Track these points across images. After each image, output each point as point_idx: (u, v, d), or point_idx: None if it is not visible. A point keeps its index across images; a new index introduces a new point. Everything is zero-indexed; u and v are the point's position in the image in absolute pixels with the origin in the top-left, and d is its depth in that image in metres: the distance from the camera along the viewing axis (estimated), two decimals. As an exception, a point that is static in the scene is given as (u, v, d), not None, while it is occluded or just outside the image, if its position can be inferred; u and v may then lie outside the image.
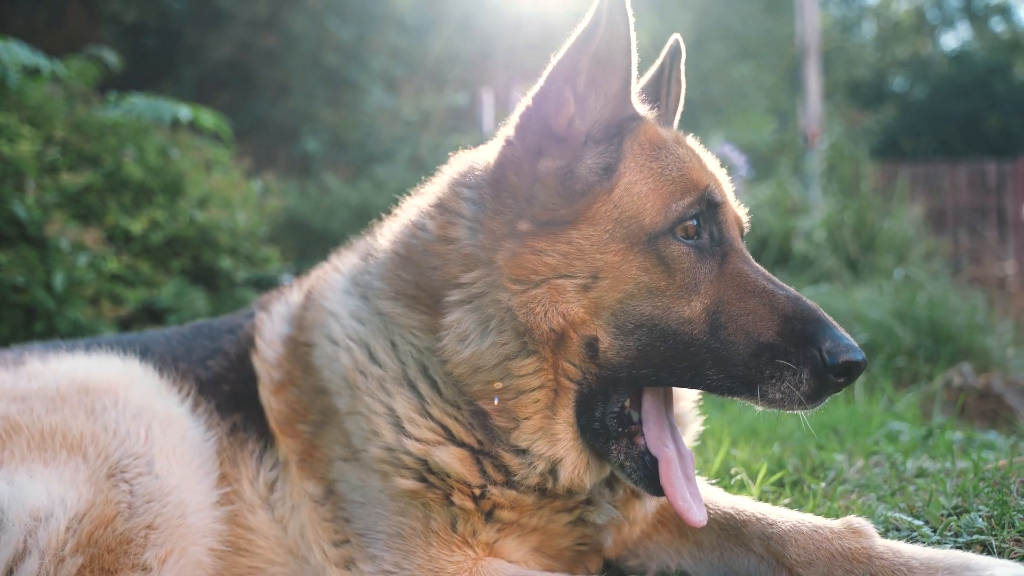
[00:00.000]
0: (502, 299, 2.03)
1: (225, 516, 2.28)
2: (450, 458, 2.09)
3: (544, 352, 2.02)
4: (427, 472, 2.11)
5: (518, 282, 2.02)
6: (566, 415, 2.07)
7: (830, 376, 1.92)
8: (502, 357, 2.04)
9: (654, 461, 2.05)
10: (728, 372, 1.99)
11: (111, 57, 7.33)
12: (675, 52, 2.50)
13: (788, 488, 2.99)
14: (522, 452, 2.08)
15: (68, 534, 1.98)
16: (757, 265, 2.14)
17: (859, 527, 2.08)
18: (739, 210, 2.28)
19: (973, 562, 1.88)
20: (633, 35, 2.07)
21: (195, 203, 6.74)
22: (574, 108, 2.10)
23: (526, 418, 2.05)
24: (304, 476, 2.33)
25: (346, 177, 13.46)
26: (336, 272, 2.51)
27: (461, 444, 2.12)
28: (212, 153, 7.43)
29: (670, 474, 2.03)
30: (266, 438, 2.42)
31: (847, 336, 1.97)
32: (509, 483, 2.11)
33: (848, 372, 1.93)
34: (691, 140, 2.37)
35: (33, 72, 5.95)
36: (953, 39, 46.54)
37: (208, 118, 6.30)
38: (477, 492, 2.10)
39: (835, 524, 2.12)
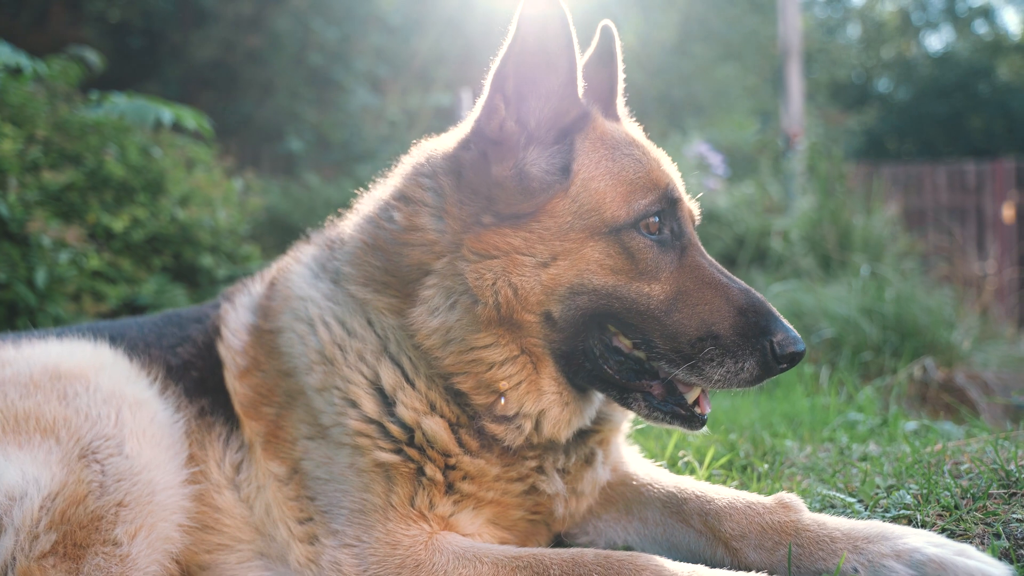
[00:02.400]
0: (460, 268, 2.19)
1: (193, 495, 2.37)
2: (438, 427, 2.24)
3: (494, 330, 2.19)
4: (407, 444, 2.25)
5: (477, 254, 2.18)
6: (549, 371, 2.25)
7: (775, 364, 2.13)
8: (465, 330, 2.20)
9: (680, 400, 2.24)
10: (674, 347, 2.15)
11: (92, 57, 7.40)
12: (609, 35, 2.61)
13: (737, 471, 3.12)
14: (508, 418, 2.24)
15: (42, 512, 2.07)
16: (711, 258, 2.31)
17: (789, 502, 2.22)
18: (691, 204, 2.45)
19: (889, 531, 2.02)
20: (572, 31, 2.18)
21: (176, 201, 6.83)
22: (504, 112, 2.23)
23: (512, 388, 2.22)
24: (268, 457, 2.44)
25: (330, 177, 13.54)
26: (298, 263, 2.63)
27: (442, 415, 2.27)
28: (194, 152, 7.52)
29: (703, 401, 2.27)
30: (232, 422, 2.52)
31: (792, 328, 2.16)
32: (482, 449, 2.27)
33: (792, 360, 2.15)
34: (641, 135, 2.51)
35: (15, 72, 6.02)
36: (937, 41, 46.93)
37: (189, 117, 6.39)
38: (452, 463, 2.25)
39: (767, 500, 2.26)
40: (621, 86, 2.63)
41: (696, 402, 2.25)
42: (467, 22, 17.63)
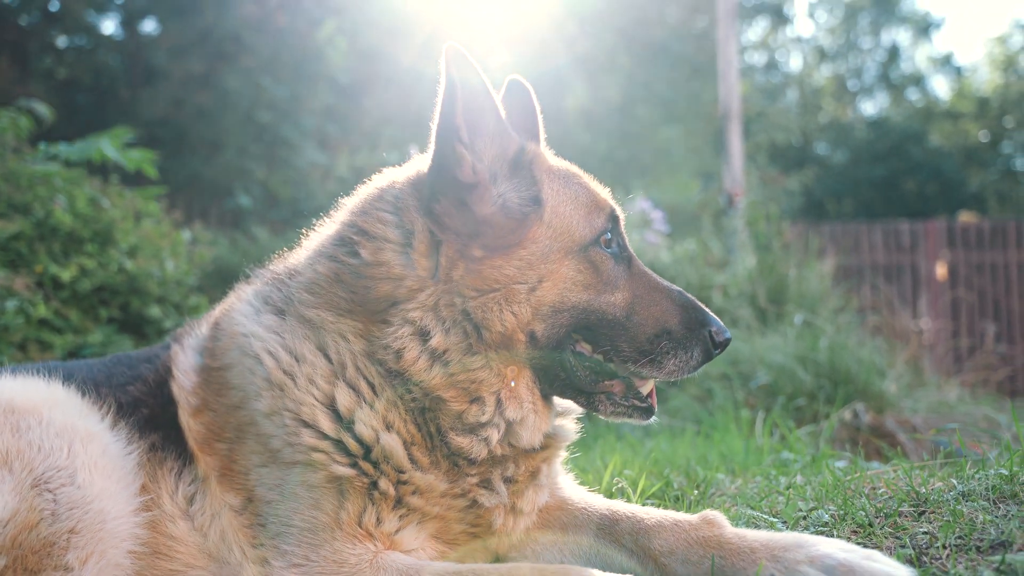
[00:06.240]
0: (457, 303, 2.41)
1: (144, 523, 2.44)
2: (395, 443, 2.38)
3: (488, 353, 2.41)
4: (362, 459, 2.37)
5: (478, 290, 2.42)
6: (526, 382, 2.49)
7: (713, 350, 2.54)
8: (462, 353, 2.40)
9: (637, 394, 2.57)
10: (636, 347, 2.48)
11: (42, 109, 7.48)
12: (521, 88, 2.95)
13: (670, 501, 3.26)
14: (479, 427, 2.43)
15: (-7, 538, 2.14)
16: (647, 267, 2.66)
17: (713, 519, 2.36)
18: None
19: (804, 540, 2.17)
20: (484, 75, 2.44)
21: (125, 252, 6.86)
22: (470, 157, 2.46)
23: (491, 393, 2.43)
24: (224, 489, 2.51)
25: (278, 231, 13.60)
26: (239, 301, 2.73)
27: (397, 434, 2.41)
28: (142, 204, 7.57)
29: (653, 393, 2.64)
30: (184, 457, 2.59)
31: (719, 320, 2.55)
32: (431, 465, 2.42)
33: (724, 346, 2.58)
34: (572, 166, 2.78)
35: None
36: (872, 107, 48.56)
37: (134, 156, 6.49)
38: (404, 478, 2.39)
39: (693, 518, 2.40)
40: (542, 129, 2.92)
41: (649, 395, 2.59)
42: (418, 83, 17.93)
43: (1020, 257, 18.44)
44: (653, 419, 2.61)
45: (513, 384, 2.46)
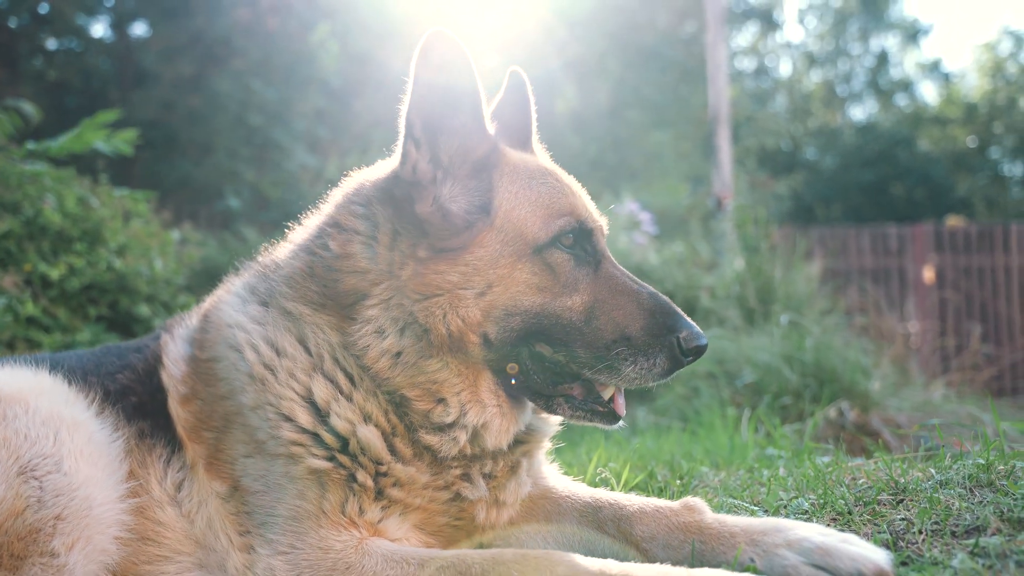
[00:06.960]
0: (405, 304, 2.40)
1: (131, 509, 2.46)
2: (372, 436, 2.39)
3: (444, 356, 2.40)
4: (339, 452, 2.39)
5: (422, 295, 2.39)
6: (488, 384, 2.47)
7: (682, 357, 2.42)
8: (418, 355, 2.40)
9: (598, 398, 2.50)
10: (593, 353, 2.40)
11: (29, 108, 7.48)
12: (520, 81, 2.92)
13: (653, 491, 3.29)
14: (446, 427, 2.43)
15: (-21, 525, 2.16)
16: (623, 269, 2.59)
17: (693, 505, 2.40)
18: (600, 219, 2.70)
19: (782, 525, 2.20)
20: (474, 68, 2.42)
21: (114, 251, 6.88)
22: (416, 154, 2.46)
23: (454, 394, 2.42)
24: (211, 477, 2.54)
25: (268, 232, 13.60)
26: (228, 293, 2.77)
27: (377, 425, 2.43)
28: (131, 204, 7.59)
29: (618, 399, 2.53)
30: (173, 444, 2.61)
31: (695, 325, 2.44)
32: (414, 457, 2.43)
33: (696, 353, 2.45)
34: (555, 165, 2.74)
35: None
36: (861, 112, 48.80)
37: (115, 142, 6.54)
38: (383, 470, 2.40)
39: (674, 504, 2.44)
40: (535, 124, 2.90)
41: (612, 400, 2.50)
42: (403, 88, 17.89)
43: (1007, 261, 18.55)
44: (620, 424, 2.55)
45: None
